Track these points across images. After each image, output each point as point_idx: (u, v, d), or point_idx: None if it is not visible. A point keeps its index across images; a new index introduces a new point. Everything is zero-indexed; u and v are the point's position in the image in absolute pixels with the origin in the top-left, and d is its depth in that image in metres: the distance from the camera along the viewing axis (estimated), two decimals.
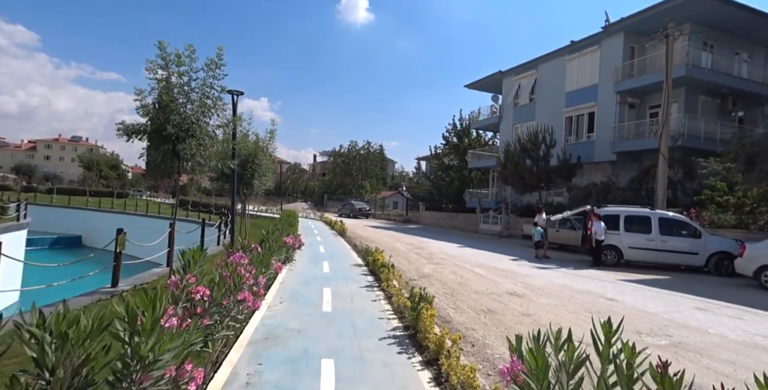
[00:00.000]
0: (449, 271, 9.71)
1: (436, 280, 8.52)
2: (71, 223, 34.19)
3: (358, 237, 17.36)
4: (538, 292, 7.58)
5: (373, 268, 8.53)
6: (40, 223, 34.57)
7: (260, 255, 4.99)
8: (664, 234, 11.04)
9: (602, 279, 9.49)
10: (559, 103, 22.59)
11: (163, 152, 7.01)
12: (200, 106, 7.30)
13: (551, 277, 9.55)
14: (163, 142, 7.08)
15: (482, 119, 29.86)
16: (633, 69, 19.17)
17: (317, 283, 7.28)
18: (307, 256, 10.76)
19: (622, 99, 19.24)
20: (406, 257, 11.91)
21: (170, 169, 7.12)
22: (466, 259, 12.00)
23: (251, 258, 4.38)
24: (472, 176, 31.54)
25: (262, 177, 12.19)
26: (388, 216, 37.54)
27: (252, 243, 5.61)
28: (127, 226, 8.43)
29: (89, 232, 32.99)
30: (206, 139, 7.28)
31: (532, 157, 20.07)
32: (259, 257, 4.82)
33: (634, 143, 18.05)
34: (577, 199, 16.72)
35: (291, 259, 8.93)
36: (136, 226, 29.28)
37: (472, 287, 7.87)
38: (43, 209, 37.29)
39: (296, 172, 74.38)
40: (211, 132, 7.40)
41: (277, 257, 6.21)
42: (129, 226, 25.66)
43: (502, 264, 11.41)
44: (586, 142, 20.97)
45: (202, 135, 7.13)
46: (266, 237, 6.69)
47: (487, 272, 9.80)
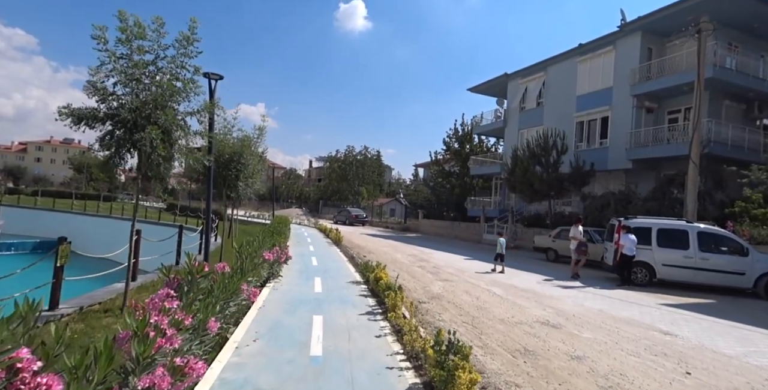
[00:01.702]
0: (462, 291, 8.31)
1: (449, 302, 7.12)
2: (55, 227, 32.49)
3: (355, 246, 15.94)
4: (575, 322, 6.20)
5: (374, 288, 7.12)
6: (23, 226, 33.06)
7: (223, 281, 3.59)
8: (705, 250, 9.72)
9: (641, 303, 8.12)
10: (569, 107, 21.44)
11: (116, 142, 5.64)
12: (168, 89, 5.98)
13: (581, 299, 8.17)
14: (116, 129, 5.73)
15: (485, 124, 28.69)
16: (650, 71, 18.06)
17: (306, 308, 5.85)
18: (297, 270, 9.32)
19: (639, 103, 18.08)
20: (409, 272, 10.50)
21: (120, 162, 5.73)
22: (478, 275, 10.61)
23: (204, 287, 2.99)
24: (474, 183, 30.28)
25: (248, 179, 10.78)
26: (385, 224, 36.13)
27: (225, 265, 4.21)
28: (112, 230, 7.32)
29: (74, 236, 31.26)
30: (174, 128, 5.92)
31: (542, 163, 18.82)
32: (221, 285, 3.42)
33: (654, 150, 16.84)
34: (594, 210, 15.43)
35: (277, 274, 7.51)
36: (121, 231, 27.84)
37: (494, 313, 6.48)
38: (25, 212, 35.65)
39: (291, 177, 72.88)
40: (180, 120, 6.05)
41: (254, 277, 4.81)
42: (114, 230, 23.87)
43: (518, 281, 10.02)
44: (598, 149, 19.77)
45: (168, 123, 5.77)
46: (240, 251, 5.24)
47: (505, 292, 8.41)
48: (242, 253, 5.05)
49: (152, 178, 6.62)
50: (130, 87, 5.75)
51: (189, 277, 3.11)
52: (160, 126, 5.65)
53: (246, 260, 4.66)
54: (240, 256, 5.12)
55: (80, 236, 30.55)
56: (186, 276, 3.15)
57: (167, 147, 6.11)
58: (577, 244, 11.27)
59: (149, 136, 5.45)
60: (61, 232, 30.07)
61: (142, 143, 5.54)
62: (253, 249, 5.66)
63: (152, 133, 5.40)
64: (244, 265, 4.43)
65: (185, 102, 6.29)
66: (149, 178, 6.64)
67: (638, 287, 9.94)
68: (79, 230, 31.14)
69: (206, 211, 6.93)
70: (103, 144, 5.69)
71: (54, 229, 32.18)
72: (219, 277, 3.68)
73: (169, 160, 6.28)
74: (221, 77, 7.11)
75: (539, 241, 15.95)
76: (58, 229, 34.53)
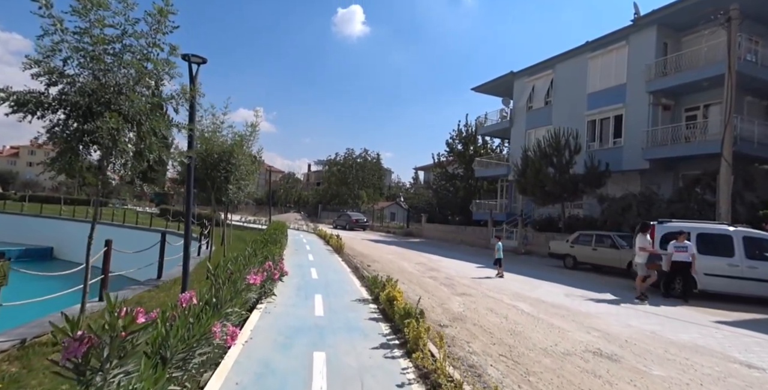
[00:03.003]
0: (485, 308, 7.20)
1: (474, 325, 6.00)
2: (43, 234, 31.38)
3: (358, 254, 14.81)
4: (632, 351, 5.10)
5: (386, 309, 6.00)
6: (8, 233, 31.76)
7: (184, 323, 2.46)
8: (752, 257, 8.67)
9: (693, 321, 7.03)
10: (579, 105, 20.47)
11: (64, 133, 4.55)
12: (137, 71, 4.91)
13: (623, 317, 7.07)
14: (71, 119, 4.66)
15: (490, 124, 27.69)
16: (666, 66, 17.10)
17: (304, 339, 4.71)
18: (294, 286, 8.18)
19: (655, 100, 17.12)
20: (420, 284, 9.38)
21: (73, 161, 4.64)
22: (498, 287, 9.50)
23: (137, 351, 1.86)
24: (479, 186, 29.25)
25: (240, 181, 9.67)
26: (387, 228, 34.99)
27: (192, 294, 3.08)
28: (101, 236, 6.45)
29: (62, 243, 30.19)
30: (143, 118, 4.82)
31: (555, 164, 17.79)
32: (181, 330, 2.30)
33: (673, 149, 15.83)
34: (613, 213, 14.37)
35: (269, 293, 6.38)
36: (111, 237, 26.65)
37: (532, 340, 5.37)
38: (11, 218, 34.37)
39: (290, 181, 71.69)
40: (148, 107, 4.95)
41: (236, 308, 3.66)
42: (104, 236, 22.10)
43: (544, 294, 8.92)
44: (612, 149, 18.76)
45: (133, 110, 4.67)
46: (217, 274, 4.01)
47: (535, 309, 7.30)
48: (219, 277, 3.87)
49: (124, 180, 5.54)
50: (88, 68, 4.68)
51: (109, 334, 1.97)
52: (123, 114, 4.56)
53: (224, 287, 3.51)
54: (215, 280, 3.95)
55: (68, 243, 29.41)
56: (104, 332, 2.01)
57: (137, 141, 5.03)
58: (648, 257, 8.65)
59: (107, 126, 4.34)
60: (48, 239, 28.84)
61: (99, 135, 4.44)
62: (237, 267, 4.51)
63: (111, 121, 4.30)
64: (221, 295, 3.29)
65: (158, 88, 5.22)
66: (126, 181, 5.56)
67: (676, 299, 8.85)
68: (67, 237, 29.96)
69: (185, 216, 5.80)
70: (52, 137, 4.58)
71: (41, 236, 31.06)
72: (180, 315, 2.57)
73: (141, 158, 5.19)
74: (204, 60, 6.02)
75: (556, 246, 14.88)
76: (46, 236, 33.26)
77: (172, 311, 2.73)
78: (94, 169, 5.18)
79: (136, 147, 5.11)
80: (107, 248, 7.23)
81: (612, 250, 12.61)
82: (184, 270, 5.29)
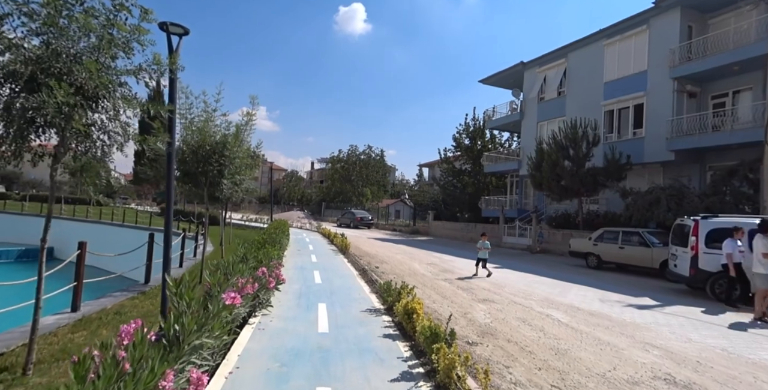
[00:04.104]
0: (515, 318, 6.22)
1: (509, 341, 5.03)
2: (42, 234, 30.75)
3: (364, 254, 13.86)
4: (711, 376, 4.12)
5: (402, 322, 5.04)
6: (8, 233, 31.17)
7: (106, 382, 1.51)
8: None
9: (762, 334, 6.02)
10: (595, 95, 19.36)
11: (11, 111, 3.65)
12: (98, 38, 3.97)
13: (677, 328, 6.08)
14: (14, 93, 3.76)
15: (499, 118, 26.59)
16: (691, 51, 15.96)
17: (305, 368, 3.74)
18: (295, 293, 7.24)
19: (680, 87, 16.00)
20: (436, 288, 8.42)
21: (19, 145, 3.73)
22: (522, 291, 8.51)
23: None
24: (488, 182, 28.21)
25: (234, 175, 8.72)
26: (392, 226, 34.03)
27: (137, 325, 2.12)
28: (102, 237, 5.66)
29: (62, 243, 29.47)
30: (103, 91, 3.87)
31: (571, 156, 16.72)
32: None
33: (702, 139, 14.71)
34: (640, 208, 13.31)
35: (266, 303, 5.44)
36: (112, 236, 25.94)
37: (583, 362, 4.39)
38: (12, 218, 33.78)
39: (293, 179, 70.82)
40: (114, 81, 4.00)
41: (209, 338, 2.65)
42: (103, 236, 21.03)
43: (576, 299, 7.93)
44: (631, 140, 17.65)
45: (92, 82, 3.73)
46: (179, 295, 2.68)
47: (573, 319, 6.32)
48: (182, 297, 2.79)
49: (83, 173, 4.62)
50: (35, 33, 3.75)
51: None
52: (81, 89, 3.62)
53: (190, 312, 2.50)
54: (178, 302, 2.69)
55: (69, 243, 28.82)
56: None
57: (96, 118, 4.09)
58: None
59: (54, 100, 3.40)
60: (49, 239, 28.01)
61: (45, 111, 3.50)
62: (216, 279, 3.52)
63: (59, 94, 3.35)
64: (185, 323, 2.30)
65: (126, 57, 4.27)
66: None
67: (725, 305, 7.83)
68: (68, 237, 29.33)
69: (166, 214, 4.85)
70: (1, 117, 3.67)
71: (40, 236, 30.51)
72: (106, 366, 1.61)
73: (112, 143, 4.26)
74: (186, 31, 5.04)
75: (577, 244, 13.85)
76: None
77: (105, 352, 1.80)
78: (49, 156, 4.25)
79: (86, 126, 4.16)
80: (80, 251, 6.34)
81: (642, 248, 11.57)
82: (164, 278, 4.37)
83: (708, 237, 8.45)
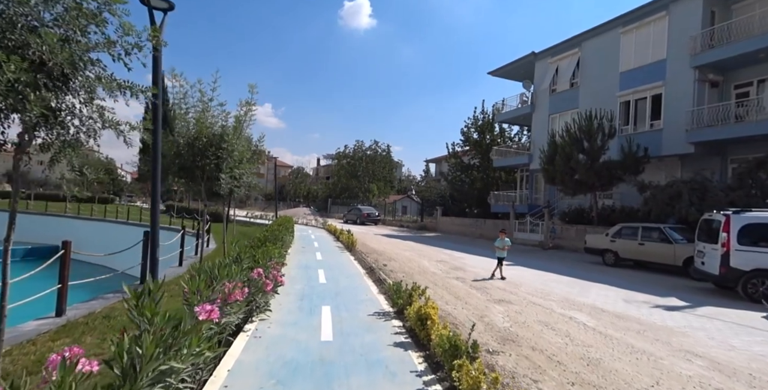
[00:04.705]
0: (536, 321, 5.72)
1: (534, 349, 4.54)
2: (48, 232, 30.76)
3: (371, 251, 13.40)
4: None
5: (415, 328, 4.57)
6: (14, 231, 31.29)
7: None
8: None
9: None
10: (610, 86, 18.61)
11: None
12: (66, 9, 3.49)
13: (715, 333, 5.53)
14: None
15: (509, 111, 25.85)
16: (714, 38, 15.16)
17: (305, 388, 3.28)
18: (297, 294, 6.80)
19: (701, 75, 15.22)
20: (448, 288, 7.93)
21: None
22: (540, 291, 8.00)
23: None
24: (498, 176, 27.56)
25: (233, 170, 8.28)
26: (399, 222, 33.55)
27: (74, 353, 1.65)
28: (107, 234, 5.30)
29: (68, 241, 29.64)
30: (69, 69, 3.41)
31: (586, 149, 16.05)
32: None
33: (724, 130, 13.98)
34: (660, 202, 12.66)
35: (263, 308, 5.00)
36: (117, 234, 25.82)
37: (620, 374, 3.89)
38: (17, 216, 33.93)
39: (299, 176, 70.52)
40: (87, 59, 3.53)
41: (177, 361, 2.10)
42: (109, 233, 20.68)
43: (598, 299, 7.40)
44: (649, 132, 16.93)
45: (53, 56, 3.26)
46: (140, 305, 2.13)
47: (599, 323, 5.80)
48: (144, 310, 2.15)
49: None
50: None
51: None
52: (32, 61, 3.15)
53: (152, 331, 1.92)
54: (139, 316, 2.10)
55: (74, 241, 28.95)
56: None
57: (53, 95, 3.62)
58: None
59: (5, 77, 2.94)
60: (54, 237, 27.75)
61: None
62: (195, 287, 2.96)
63: (7, 68, 2.89)
64: (144, 346, 1.75)
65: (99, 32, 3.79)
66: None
67: (758, 305, 7.25)
68: (73, 235, 29.38)
69: (152, 211, 4.38)
70: None
71: (47, 235, 30.50)
72: None
73: (89, 132, 3.80)
74: (170, 6, 4.57)
75: (593, 241, 13.26)
76: (52, 235, 32.77)
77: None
78: (13, 144, 3.79)
79: (76, 116, 3.72)
80: (64, 251, 5.93)
81: (663, 244, 10.97)
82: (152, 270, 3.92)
83: (741, 233, 7.84)
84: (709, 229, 8.64)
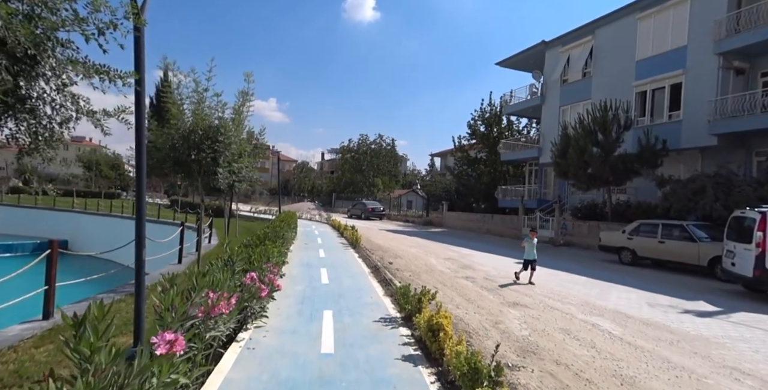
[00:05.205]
0: (556, 329, 5.22)
1: (558, 364, 4.04)
2: (57, 227, 30.90)
3: (377, 248, 12.94)
4: None
5: (425, 340, 4.09)
6: (24, 226, 31.36)
7: None
8: None
9: None
10: (625, 75, 17.81)
11: None
12: None
13: (759, 345, 5.00)
14: None
15: (517, 102, 25.07)
16: (739, 22, 14.30)
17: None
18: (297, 297, 6.34)
19: (726, 63, 14.40)
20: (457, 289, 7.44)
21: None
22: (556, 292, 7.48)
23: None
24: (505, 170, 26.90)
25: (231, 164, 7.82)
26: (405, 217, 33.06)
27: None
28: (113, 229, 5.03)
29: (76, 235, 29.70)
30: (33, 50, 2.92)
31: (600, 142, 15.36)
32: None
33: (750, 121, 13.22)
34: (682, 197, 12.02)
35: (259, 314, 4.55)
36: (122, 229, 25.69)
37: None
38: (26, 211, 34.00)
39: (303, 170, 70.15)
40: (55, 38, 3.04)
41: None
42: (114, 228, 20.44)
43: (619, 303, 6.87)
44: (667, 124, 16.17)
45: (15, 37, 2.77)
46: (79, 323, 1.55)
47: (626, 331, 5.28)
48: (85, 347, 1.78)
49: None
50: None
51: None
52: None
53: (83, 384, 1.55)
54: (76, 360, 1.62)
55: (82, 236, 28.89)
56: None
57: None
58: None
59: None
60: (62, 232, 27.63)
61: None
62: (168, 302, 2.52)
63: None
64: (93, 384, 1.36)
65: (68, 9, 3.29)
66: None
67: None
68: (81, 230, 29.45)
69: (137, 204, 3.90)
70: None
71: (55, 230, 30.52)
72: None
73: (62, 120, 3.35)
74: None
75: (608, 238, 12.67)
76: (60, 229, 32.71)
77: None
78: None
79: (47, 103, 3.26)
80: (51, 250, 5.52)
81: (686, 243, 10.36)
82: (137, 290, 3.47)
83: None
84: (741, 228, 8.03)
